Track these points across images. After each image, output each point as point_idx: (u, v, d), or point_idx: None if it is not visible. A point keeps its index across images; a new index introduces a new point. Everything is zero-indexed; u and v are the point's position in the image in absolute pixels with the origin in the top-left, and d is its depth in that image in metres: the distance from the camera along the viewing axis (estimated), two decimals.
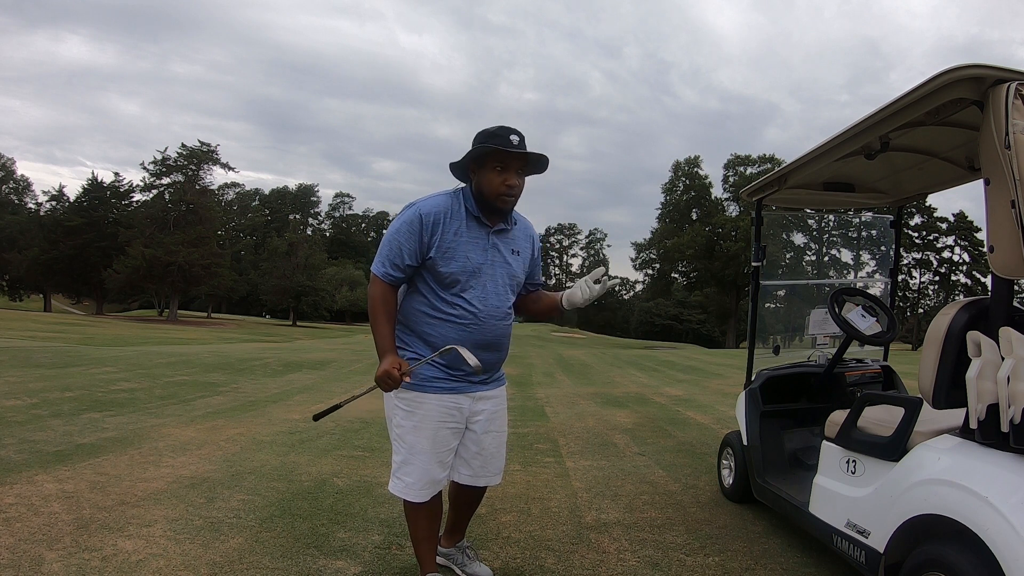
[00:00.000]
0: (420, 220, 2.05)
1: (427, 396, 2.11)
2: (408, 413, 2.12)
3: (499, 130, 2.03)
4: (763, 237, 3.52)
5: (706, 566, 2.64)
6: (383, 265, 2.07)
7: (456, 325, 2.09)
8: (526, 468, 4.21)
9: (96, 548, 2.55)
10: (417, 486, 2.14)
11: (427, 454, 2.13)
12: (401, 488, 2.16)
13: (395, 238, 2.06)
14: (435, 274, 2.08)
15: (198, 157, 45.90)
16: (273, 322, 54.87)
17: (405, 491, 2.15)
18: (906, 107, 2.13)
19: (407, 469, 2.14)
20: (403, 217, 2.09)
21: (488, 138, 2.02)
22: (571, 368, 13.42)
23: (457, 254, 2.07)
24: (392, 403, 2.16)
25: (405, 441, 2.14)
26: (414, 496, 2.15)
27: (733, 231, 52.28)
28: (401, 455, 2.15)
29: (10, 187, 59.50)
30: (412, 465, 2.13)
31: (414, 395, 2.11)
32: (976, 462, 1.80)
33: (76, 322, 29.39)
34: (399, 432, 2.15)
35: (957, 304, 2.08)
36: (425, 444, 2.12)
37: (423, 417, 2.11)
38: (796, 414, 3.38)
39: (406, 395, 2.11)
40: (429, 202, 2.10)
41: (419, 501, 2.16)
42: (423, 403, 2.11)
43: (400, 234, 2.05)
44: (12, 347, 11.70)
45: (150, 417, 5.51)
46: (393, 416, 2.17)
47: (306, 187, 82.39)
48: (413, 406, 2.12)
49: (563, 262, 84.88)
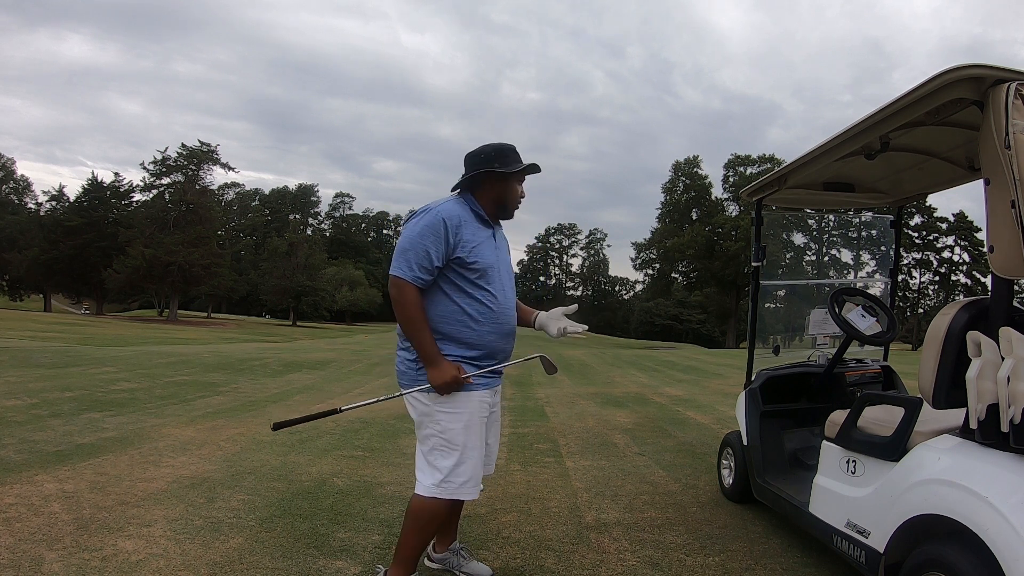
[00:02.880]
0: (444, 223, 2.10)
1: (471, 395, 2.16)
2: (455, 415, 2.14)
3: (513, 150, 2.26)
4: (763, 237, 3.52)
5: (706, 566, 2.64)
6: (412, 269, 2.07)
7: (486, 318, 2.18)
8: (526, 468, 4.21)
9: (96, 548, 2.55)
10: (471, 484, 2.17)
11: (479, 450, 2.20)
12: (454, 489, 2.14)
13: (420, 242, 2.08)
14: (465, 270, 2.15)
15: (198, 157, 45.94)
16: (273, 322, 54.89)
17: (460, 491, 2.15)
18: (906, 107, 2.13)
19: (461, 469, 2.14)
20: (424, 222, 2.11)
21: (513, 155, 2.25)
22: (571, 368, 13.42)
23: (479, 251, 2.17)
24: (427, 409, 2.15)
25: (456, 442, 2.14)
26: (470, 494, 2.18)
27: (733, 231, 52.31)
28: (454, 457, 2.14)
29: (10, 187, 59.49)
30: (466, 464, 2.15)
31: (458, 395, 2.14)
32: (976, 462, 1.80)
33: (76, 322, 29.38)
34: (448, 436, 2.13)
35: (957, 304, 2.08)
36: (476, 441, 2.19)
37: (471, 414, 2.17)
38: (796, 414, 3.38)
39: (448, 397, 2.13)
40: (446, 207, 2.16)
41: (475, 497, 2.21)
42: (468, 401, 2.16)
43: (425, 238, 2.08)
44: (12, 347, 11.70)
45: (150, 417, 5.51)
46: (433, 422, 2.15)
47: (306, 187, 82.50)
48: (459, 406, 2.14)
49: (563, 262, 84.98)
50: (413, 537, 2.18)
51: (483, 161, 2.21)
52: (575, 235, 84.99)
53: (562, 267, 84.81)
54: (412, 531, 2.18)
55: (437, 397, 2.12)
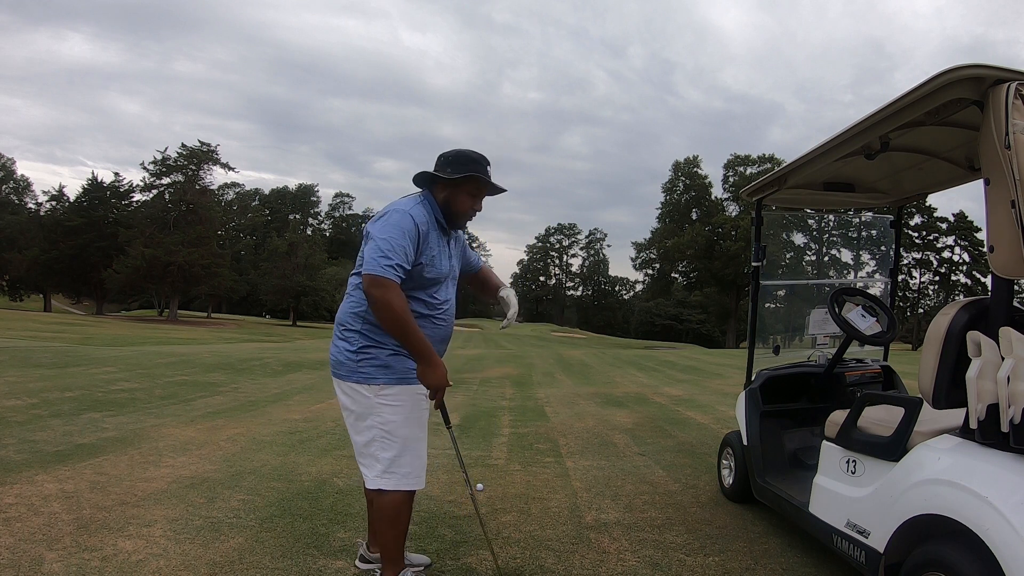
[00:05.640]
0: (416, 228, 2.12)
1: (411, 387, 2.19)
2: (396, 407, 2.17)
3: (479, 158, 2.24)
4: (763, 237, 3.52)
5: (706, 566, 2.64)
6: (395, 268, 2.06)
7: (433, 323, 2.24)
8: (526, 468, 4.21)
9: (96, 548, 2.55)
10: (415, 473, 2.21)
11: (420, 441, 2.24)
12: (398, 481, 2.17)
13: (399, 242, 2.07)
14: (420, 279, 2.17)
15: (198, 157, 45.85)
16: (273, 322, 54.87)
17: (405, 482, 2.18)
18: (906, 107, 2.13)
19: (403, 461, 2.18)
20: (399, 222, 2.10)
21: (469, 163, 2.21)
22: (571, 368, 13.41)
23: (436, 261, 2.22)
24: (369, 402, 2.17)
25: (397, 435, 2.17)
26: (416, 483, 2.21)
27: (733, 231, 52.28)
28: (393, 450, 2.17)
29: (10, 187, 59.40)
30: (408, 455, 2.19)
31: (400, 389, 2.17)
32: (976, 462, 1.80)
33: (76, 322, 29.38)
34: (389, 428, 2.17)
35: (957, 304, 2.08)
36: (417, 432, 2.23)
37: (412, 407, 2.20)
38: (796, 414, 3.38)
39: (391, 390, 2.16)
40: (416, 211, 2.15)
41: (422, 487, 2.23)
42: (409, 394, 2.19)
43: (404, 238, 2.09)
44: (12, 347, 11.69)
45: (150, 417, 5.51)
46: (375, 415, 2.17)
47: (306, 187, 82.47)
48: (401, 399, 2.18)
49: (563, 262, 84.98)
50: (387, 533, 2.23)
51: (439, 164, 2.24)
52: (575, 235, 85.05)
53: (562, 267, 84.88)
54: (384, 527, 2.24)
55: (379, 390, 2.15)
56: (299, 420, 5.71)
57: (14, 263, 44.22)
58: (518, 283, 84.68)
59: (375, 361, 2.16)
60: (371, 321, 2.17)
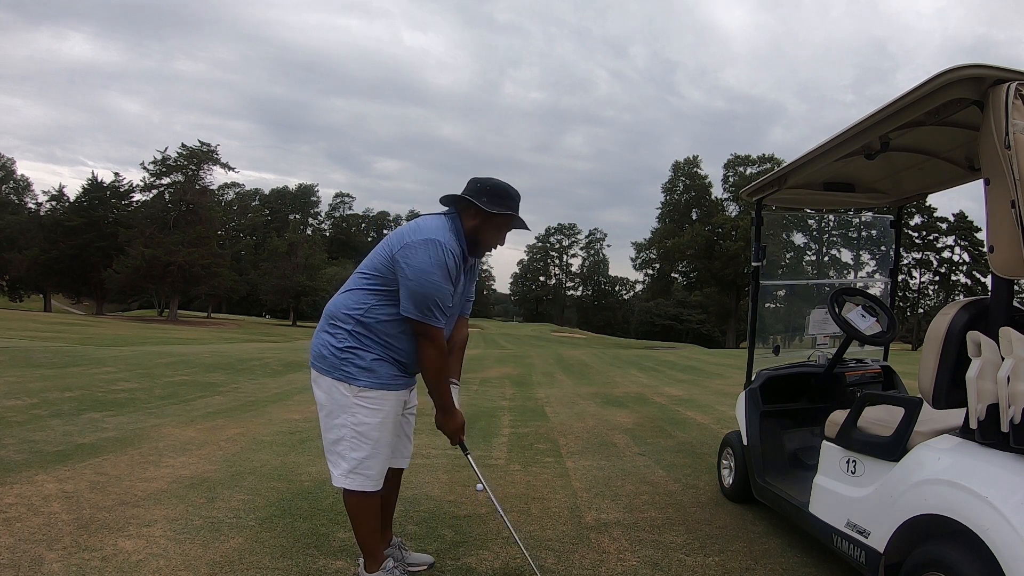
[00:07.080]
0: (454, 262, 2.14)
1: (391, 393, 2.23)
2: (373, 411, 2.20)
3: (516, 195, 2.28)
4: (763, 237, 3.52)
5: (706, 566, 2.64)
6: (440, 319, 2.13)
7: None
8: (526, 468, 4.21)
9: (96, 548, 2.55)
10: (377, 477, 2.23)
11: (389, 446, 2.28)
12: (362, 482, 2.20)
13: (442, 286, 2.11)
14: None
15: (198, 157, 45.85)
16: (273, 322, 54.88)
17: (367, 484, 2.21)
18: (906, 107, 2.13)
19: (370, 463, 2.20)
20: (438, 260, 2.09)
21: (508, 199, 2.24)
22: (571, 368, 13.42)
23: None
24: (346, 401, 2.18)
25: (369, 437, 2.20)
26: (375, 486, 2.23)
27: (733, 231, 52.34)
28: (364, 451, 2.19)
29: (10, 187, 59.41)
30: (376, 458, 2.22)
31: (380, 393, 2.20)
32: (976, 462, 1.80)
33: (76, 322, 29.38)
34: (362, 430, 2.19)
35: (957, 304, 2.08)
36: (389, 437, 2.26)
37: (388, 412, 2.23)
38: (796, 414, 3.38)
39: (371, 394, 2.19)
40: (451, 244, 2.15)
41: (378, 490, 2.26)
42: (388, 400, 2.23)
43: (444, 280, 2.12)
44: (12, 347, 11.69)
45: (150, 417, 5.51)
46: (349, 414, 2.19)
47: (306, 187, 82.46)
48: (379, 403, 2.20)
49: (563, 262, 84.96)
50: (359, 529, 2.28)
51: (474, 191, 2.24)
52: (575, 235, 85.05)
53: (562, 267, 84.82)
54: (355, 524, 2.28)
55: (359, 391, 2.17)
56: (299, 420, 5.71)
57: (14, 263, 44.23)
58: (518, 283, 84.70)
59: (359, 362, 2.17)
60: (365, 324, 2.18)
